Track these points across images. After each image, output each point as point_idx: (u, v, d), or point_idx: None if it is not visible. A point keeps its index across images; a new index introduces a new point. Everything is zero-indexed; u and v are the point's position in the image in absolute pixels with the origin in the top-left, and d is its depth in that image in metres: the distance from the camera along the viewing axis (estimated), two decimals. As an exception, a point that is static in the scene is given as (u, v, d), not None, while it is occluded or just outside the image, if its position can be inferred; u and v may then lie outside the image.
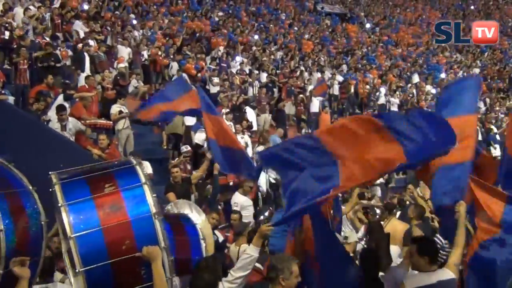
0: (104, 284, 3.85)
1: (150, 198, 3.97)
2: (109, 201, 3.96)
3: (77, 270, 3.72)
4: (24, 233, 3.79)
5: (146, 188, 4.00)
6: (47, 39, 16.46)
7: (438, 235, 7.23)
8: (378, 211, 11.61)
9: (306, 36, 30.49)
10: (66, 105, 12.42)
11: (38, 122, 11.51)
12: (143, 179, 4.04)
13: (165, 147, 15.81)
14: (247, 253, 4.90)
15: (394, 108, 24.26)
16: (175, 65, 19.59)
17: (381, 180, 16.64)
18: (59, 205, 3.86)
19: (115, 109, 14.12)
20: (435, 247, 5.54)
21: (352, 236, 8.21)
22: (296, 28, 31.15)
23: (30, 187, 4.08)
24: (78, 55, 16.53)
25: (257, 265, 5.86)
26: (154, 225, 3.92)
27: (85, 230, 3.82)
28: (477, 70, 33.87)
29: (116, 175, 4.14)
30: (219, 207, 12.19)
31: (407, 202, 11.16)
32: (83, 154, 11.30)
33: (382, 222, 8.78)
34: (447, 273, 5.22)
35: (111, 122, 14.01)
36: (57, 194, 3.92)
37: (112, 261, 3.81)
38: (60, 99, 12.77)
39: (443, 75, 31.39)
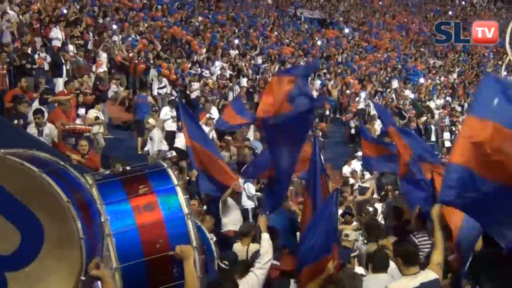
0: (138, 281, 3.99)
1: (182, 199, 4.16)
2: (144, 201, 4.14)
3: (113, 267, 3.85)
4: (93, 236, 3.78)
5: (178, 190, 4.19)
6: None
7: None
8: (370, 209, 11.98)
9: (286, 41, 30.63)
10: (43, 109, 12.34)
11: (15, 127, 11.43)
12: (175, 181, 4.23)
13: (140, 152, 15.71)
14: (264, 238, 5.76)
15: (374, 113, 24.43)
16: (153, 70, 19.56)
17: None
18: (97, 204, 3.98)
19: (92, 114, 14.06)
20: (410, 247, 5.29)
21: (352, 234, 8.48)
22: (276, 33, 31.25)
23: (88, 186, 4.11)
24: (55, 60, 16.42)
25: (274, 262, 6.20)
26: (186, 225, 4.09)
27: (122, 228, 3.98)
28: (455, 75, 34.30)
29: (149, 177, 4.32)
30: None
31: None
32: (62, 160, 11.23)
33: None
34: (430, 274, 5.07)
35: (90, 127, 13.95)
36: (94, 194, 4.03)
37: (146, 259, 3.96)
38: (36, 104, 12.67)
39: (422, 80, 31.71)
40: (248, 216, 11.86)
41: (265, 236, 5.92)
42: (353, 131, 22.58)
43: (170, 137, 15.81)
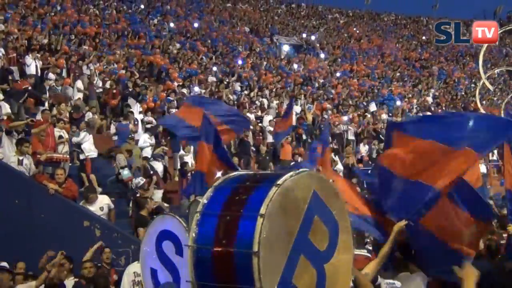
0: None
1: None
2: None
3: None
4: None
5: None
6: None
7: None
8: None
9: (264, 67, 30.86)
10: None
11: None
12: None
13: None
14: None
15: (351, 137, 24.61)
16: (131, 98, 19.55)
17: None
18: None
19: (55, 133, 13.90)
20: None
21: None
22: (253, 59, 31.49)
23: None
24: (39, 89, 16.33)
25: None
26: None
27: None
28: (429, 99, 34.76)
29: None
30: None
31: None
32: (39, 189, 11.13)
33: None
34: None
35: (68, 156, 13.81)
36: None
37: None
38: (3, 135, 12.44)
39: (398, 103, 32.04)
40: None
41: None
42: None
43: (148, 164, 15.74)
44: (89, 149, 14.72)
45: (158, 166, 15.36)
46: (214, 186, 4.15)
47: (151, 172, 15.12)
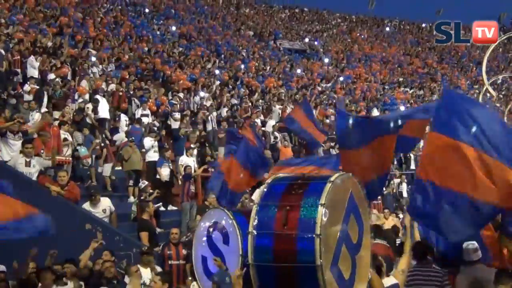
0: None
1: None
2: None
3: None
4: None
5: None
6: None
7: None
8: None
9: (267, 71, 30.84)
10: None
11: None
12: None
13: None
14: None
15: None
16: (135, 101, 19.56)
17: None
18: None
19: (60, 135, 13.90)
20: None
21: None
22: (256, 64, 31.47)
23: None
24: (38, 92, 16.37)
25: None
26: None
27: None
28: (433, 105, 34.60)
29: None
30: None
31: None
32: (41, 191, 11.14)
33: None
34: (391, 280, 5.62)
35: (70, 158, 13.83)
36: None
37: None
38: None
39: (402, 108, 31.93)
40: None
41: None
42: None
43: (152, 167, 15.73)
44: None
45: (165, 171, 15.37)
46: (267, 183, 4.80)
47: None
